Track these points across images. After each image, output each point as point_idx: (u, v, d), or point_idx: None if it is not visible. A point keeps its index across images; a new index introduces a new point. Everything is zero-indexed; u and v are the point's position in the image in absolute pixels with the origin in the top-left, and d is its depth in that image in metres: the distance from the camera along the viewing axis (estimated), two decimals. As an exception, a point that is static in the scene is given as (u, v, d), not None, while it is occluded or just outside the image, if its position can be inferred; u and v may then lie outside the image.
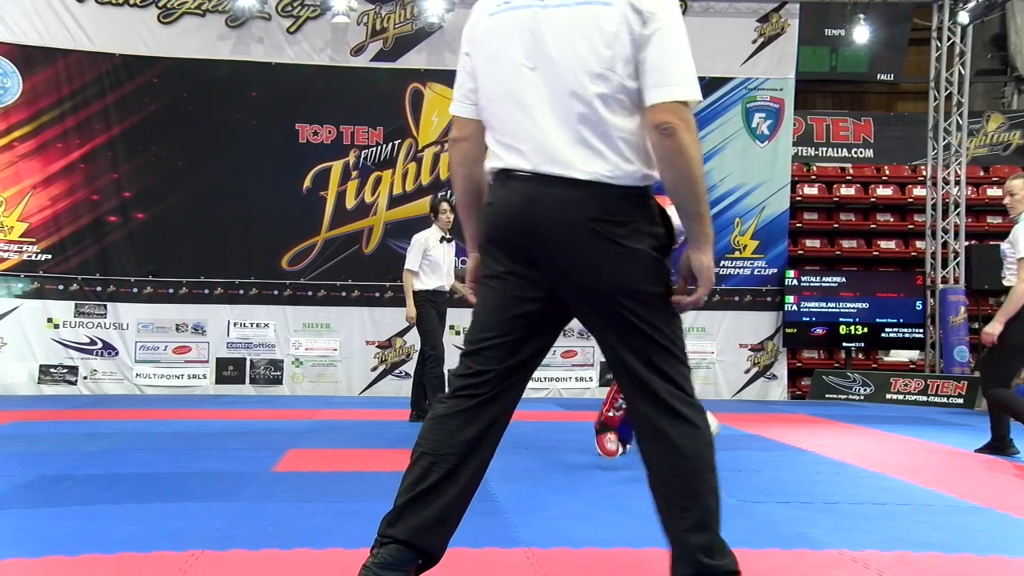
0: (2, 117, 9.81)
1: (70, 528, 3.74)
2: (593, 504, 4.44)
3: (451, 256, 7.55)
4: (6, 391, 9.62)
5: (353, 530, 3.74)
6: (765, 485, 5.00)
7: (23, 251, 9.86)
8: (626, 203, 2.33)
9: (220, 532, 3.68)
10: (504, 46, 2.42)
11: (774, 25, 10.76)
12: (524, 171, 2.37)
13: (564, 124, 2.32)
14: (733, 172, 10.79)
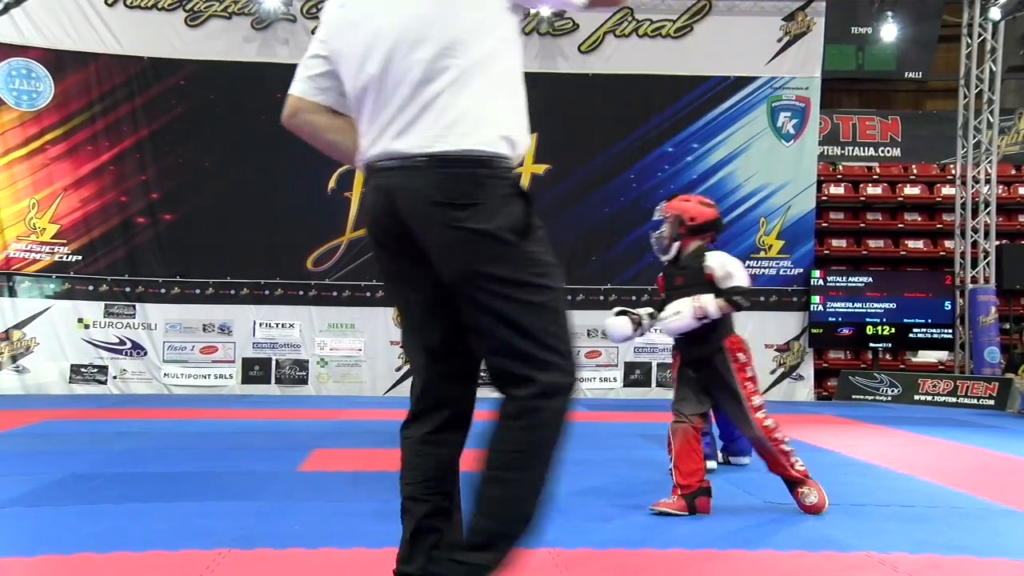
0: (34, 120, 9.94)
1: (101, 526, 3.79)
2: (617, 505, 4.43)
3: None
4: (39, 390, 9.76)
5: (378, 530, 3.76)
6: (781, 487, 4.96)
7: (55, 252, 9.99)
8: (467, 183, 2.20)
9: (246, 531, 3.71)
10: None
11: (800, 24, 10.67)
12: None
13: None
14: (758, 172, 10.71)
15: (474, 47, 2.20)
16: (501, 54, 2.26)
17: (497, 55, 2.24)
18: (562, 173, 10.49)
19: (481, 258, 2.20)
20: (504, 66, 2.27)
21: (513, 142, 2.26)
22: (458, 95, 2.19)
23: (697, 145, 10.70)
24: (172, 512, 4.10)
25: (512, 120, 2.27)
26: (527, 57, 9.74)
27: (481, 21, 2.21)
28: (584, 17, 10.50)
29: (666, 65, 10.54)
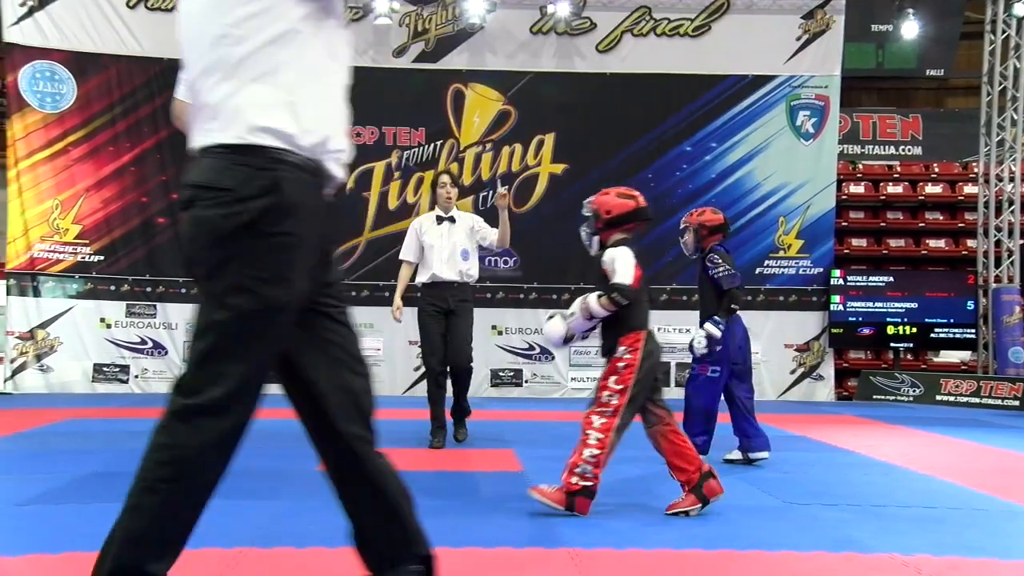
0: (57, 123, 10.04)
1: (121, 524, 3.81)
2: (635, 505, 4.42)
3: (455, 238, 6.21)
4: (63, 389, 9.85)
5: (396, 529, 3.76)
6: (811, 486, 4.93)
7: (77, 252, 10.08)
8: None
9: (266, 529, 3.73)
10: None
11: (819, 22, 10.60)
12: None
13: None
14: (777, 171, 10.65)
15: (241, 42, 2.18)
16: (276, 45, 2.21)
17: (269, 47, 2.20)
18: (580, 172, 10.47)
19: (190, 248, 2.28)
20: (281, 58, 2.22)
21: (276, 132, 2.21)
22: (216, 90, 2.22)
23: (715, 144, 10.65)
24: (192, 510, 4.12)
25: (273, 112, 2.21)
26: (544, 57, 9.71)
27: (251, 14, 2.18)
28: (601, 17, 10.48)
29: (684, 64, 10.51)
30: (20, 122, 9.99)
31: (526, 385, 10.49)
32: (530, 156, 10.48)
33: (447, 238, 6.19)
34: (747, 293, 10.59)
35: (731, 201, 10.58)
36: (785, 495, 4.65)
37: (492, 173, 10.44)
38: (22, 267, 9.98)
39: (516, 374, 10.49)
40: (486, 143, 10.47)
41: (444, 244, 6.18)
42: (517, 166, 10.47)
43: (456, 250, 6.18)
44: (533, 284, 10.48)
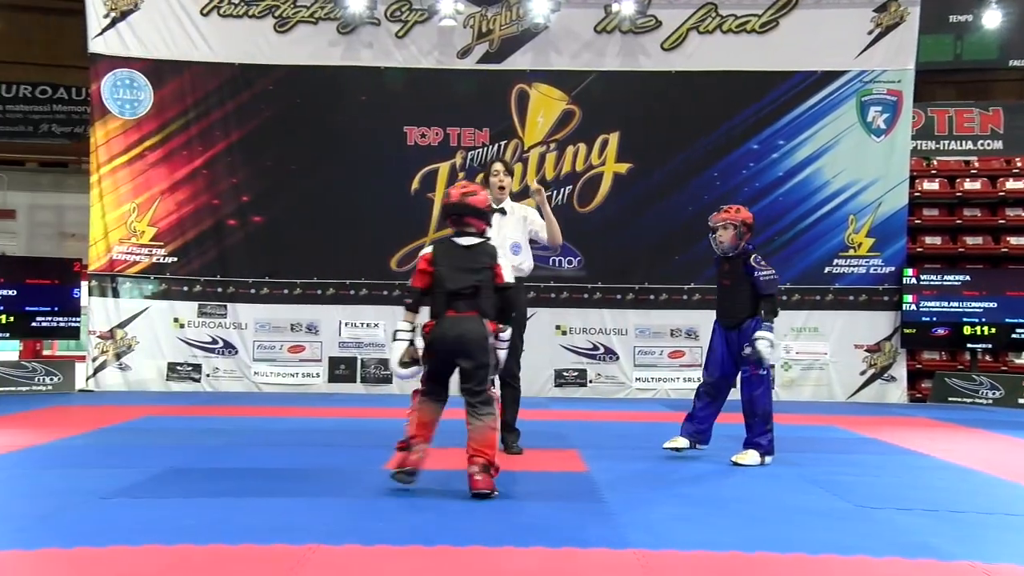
0: (135, 128, 10.35)
1: (198, 519, 3.93)
2: (703, 506, 4.37)
3: (507, 230, 5.99)
4: (139, 387, 10.15)
5: (463, 528, 3.80)
6: (883, 490, 4.82)
7: (152, 254, 10.38)
8: None
9: (335, 527, 3.79)
10: None
11: (892, 14, 10.33)
12: None
13: None
14: (846, 168, 10.41)
15: None
16: None
17: None
18: (645, 172, 10.39)
19: None
20: None
21: None
22: None
23: (783, 142, 10.46)
24: (264, 507, 4.22)
25: None
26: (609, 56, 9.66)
27: None
28: (666, 14, 10.38)
29: (751, 61, 10.33)
30: (102, 129, 10.33)
31: (590, 385, 10.45)
32: (594, 155, 10.44)
33: (498, 231, 5.82)
34: (816, 293, 10.42)
35: (798, 200, 10.38)
36: (858, 499, 4.55)
37: (556, 173, 10.43)
38: (102, 269, 10.31)
39: (580, 374, 10.46)
40: (550, 143, 10.46)
41: (495, 237, 5.62)
42: (581, 166, 10.44)
43: (506, 243, 5.91)
44: (597, 284, 10.43)
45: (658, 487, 4.90)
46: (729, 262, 5.71)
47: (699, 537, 3.70)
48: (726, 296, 5.76)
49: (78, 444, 6.21)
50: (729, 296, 5.72)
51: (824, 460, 5.89)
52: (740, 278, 5.63)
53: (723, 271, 5.78)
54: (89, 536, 3.58)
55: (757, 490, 4.83)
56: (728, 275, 5.71)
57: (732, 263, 5.69)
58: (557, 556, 3.42)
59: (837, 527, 3.97)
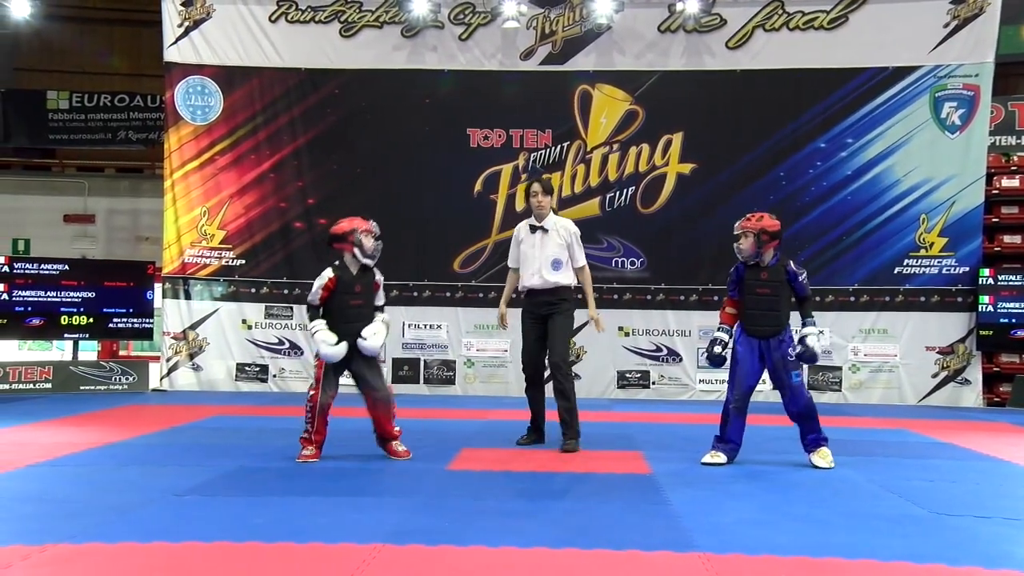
0: (206, 134, 10.63)
1: (267, 517, 4.01)
2: (770, 510, 4.31)
3: (548, 249, 6.26)
4: (210, 387, 10.41)
5: (526, 529, 3.81)
6: (961, 497, 4.68)
7: (222, 257, 10.63)
8: None
9: (399, 527, 3.83)
10: None
11: (971, 6, 10.01)
12: None
13: None
14: (919, 166, 10.13)
15: None
16: None
17: None
18: (709, 172, 10.27)
19: None
20: None
21: None
22: None
23: (852, 140, 10.23)
24: (330, 506, 4.29)
25: None
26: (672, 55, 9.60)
27: None
28: (732, 12, 10.24)
29: (818, 58, 10.13)
30: (175, 135, 10.63)
31: (653, 387, 10.37)
32: (657, 156, 10.36)
33: (539, 248, 6.27)
34: (885, 294, 10.17)
35: (868, 199, 10.15)
36: (933, 505, 4.43)
37: (619, 173, 10.38)
38: (175, 272, 10.60)
39: (643, 375, 10.39)
40: (613, 143, 10.41)
41: (536, 254, 6.28)
42: (644, 166, 10.37)
43: (547, 261, 6.24)
44: (660, 285, 10.35)
45: (723, 489, 4.84)
46: (767, 271, 5.66)
47: (765, 541, 3.65)
48: (765, 304, 5.66)
49: (153, 442, 6.39)
50: (769, 304, 5.66)
51: (895, 465, 5.75)
52: (781, 286, 5.64)
53: (759, 280, 5.67)
54: (165, 531, 3.69)
55: (825, 494, 4.74)
56: (767, 284, 5.65)
57: (771, 272, 5.66)
58: (621, 558, 3.41)
59: (910, 534, 3.87)
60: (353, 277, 5.82)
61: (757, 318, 5.68)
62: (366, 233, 5.94)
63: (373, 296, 5.87)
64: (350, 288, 5.78)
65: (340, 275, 5.81)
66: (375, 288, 5.89)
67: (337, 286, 5.76)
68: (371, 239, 5.90)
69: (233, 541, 3.54)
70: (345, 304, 5.75)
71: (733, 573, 3.25)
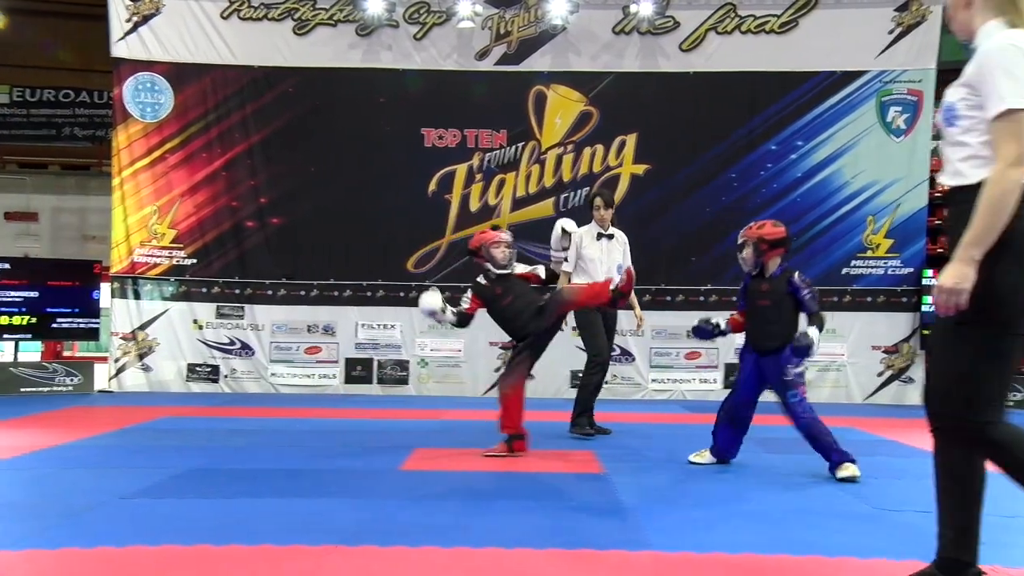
0: (156, 131, 10.44)
1: (217, 519, 3.96)
2: (720, 509, 4.36)
3: (615, 254, 7.09)
4: (160, 388, 10.24)
5: (479, 529, 3.81)
6: (905, 493, 4.79)
7: (172, 256, 10.46)
8: None
9: (351, 528, 3.81)
10: None
11: (914, 14, 10.25)
12: None
13: None
14: (866, 169, 10.34)
15: None
16: None
17: None
18: (663, 173, 10.37)
19: None
20: None
21: None
22: None
23: (802, 143, 10.41)
24: (281, 507, 4.25)
25: None
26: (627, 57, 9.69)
27: None
28: (685, 15, 10.36)
29: (770, 62, 10.29)
30: (124, 132, 10.42)
31: (606, 386, 10.39)
32: (612, 157, 10.43)
33: (607, 253, 7.06)
34: (833, 294, 10.36)
35: (817, 200, 10.33)
36: (878, 501, 4.53)
37: (574, 174, 10.43)
38: (124, 271, 10.40)
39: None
40: (567, 144, 10.46)
41: (604, 258, 7.03)
42: (599, 167, 10.43)
43: (614, 264, 7.03)
44: (614, 285, 10.42)
45: (675, 489, 4.89)
46: (769, 282, 5.36)
47: (715, 539, 3.70)
48: (764, 317, 5.38)
49: (99, 444, 6.27)
50: (768, 318, 5.35)
51: (842, 463, 5.86)
52: (782, 298, 5.30)
53: (759, 291, 5.41)
54: (110, 536, 3.62)
55: (775, 492, 4.81)
56: (768, 295, 5.36)
57: (772, 283, 5.35)
58: (573, 558, 3.43)
59: (856, 529, 3.95)
60: (494, 283, 6.03)
61: (756, 332, 5.43)
62: (495, 245, 6.07)
63: (524, 290, 6.04)
64: (493, 296, 5.98)
65: (480, 291, 6.05)
66: (525, 278, 6.13)
67: (483, 301, 6.03)
68: (501, 249, 6.07)
69: (181, 544, 3.49)
70: (499, 309, 6.00)
71: (682, 571, 3.29)
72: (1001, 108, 2.57)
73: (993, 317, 2.66)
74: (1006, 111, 2.56)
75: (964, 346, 2.74)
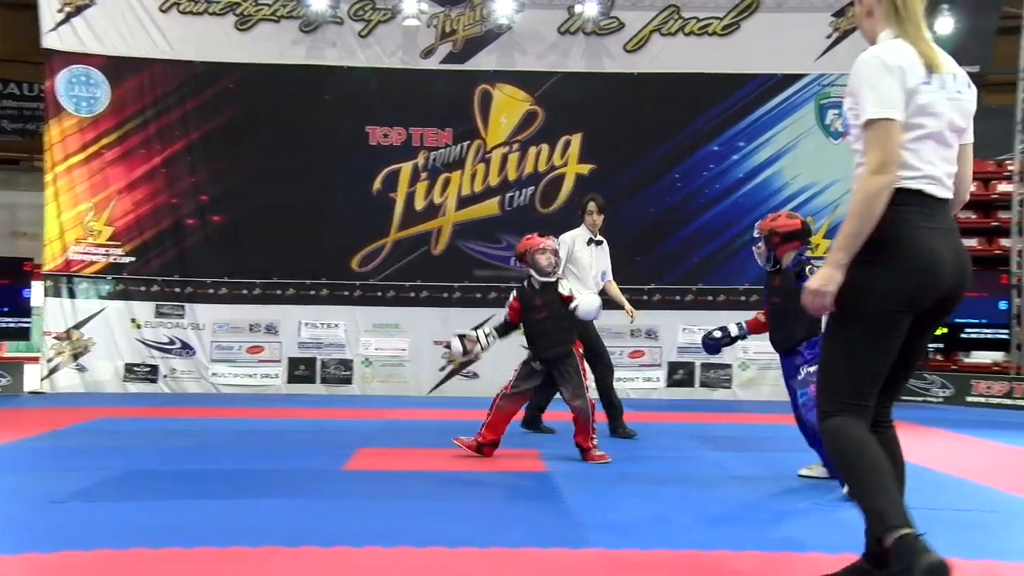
0: (92, 126, 10.17)
1: (154, 522, 3.87)
2: (663, 506, 4.40)
3: (601, 260, 7.05)
4: (96, 388, 9.98)
5: (422, 529, 3.79)
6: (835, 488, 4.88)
7: (109, 254, 10.21)
8: None
9: (293, 529, 3.76)
10: None
11: (850, 19, 10.46)
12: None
13: None
14: (805, 170, 10.55)
15: None
16: None
17: None
18: (607, 173, 10.43)
19: None
20: None
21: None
22: None
23: (743, 144, 10.57)
24: (221, 509, 4.18)
25: None
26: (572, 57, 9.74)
27: None
28: (629, 16, 10.43)
29: (713, 63, 10.42)
30: (57, 127, 10.12)
31: (552, 386, 10.46)
32: (556, 156, 10.47)
33: (595, 259, 6.99)
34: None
35: (759, 201, 10.49)
36: (816, 497, 4.61)
37: (519, 173, 10.44)
38: (58, 269, 10.11)
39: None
40: (513, 144, 10.47)
41: (593, 264, 6.96)
42: (544, 166, 10.46)
43: (600, 271, 7.00)
44: (560, 284, 10.46)
45: (618, 487, 4.92)
46: (780, 276, 5.03)
47: (658, 536, 3.73)
48: (776, 315, 5.07)
49: (29, 447, 6.09)
50: (779, 315, 5.01)
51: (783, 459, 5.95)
52: (791, 294, 4.43)
53: (772, 287, 5.13)
54: (39, 542, 3.51)
55: (717, 489, 4.87)
56: (777, 291, 5.02)
57: (783, 277, 4.99)
58: (516, 556, 3.42)
59: (795, 525, 4.02)
60: (535, 292, 5.82)
61: (772, 331, 5.13)
62: (540, 252, 5.82)
63: (559, 309, 5.74)
64: (532, 303, 5.80)
65: (522, 295, 5.87)
66: (562, 300, 5.77)
67: (521, 304, 5.85)
68: (545, 256, 5.83)
69: (115, 549, 3.40)
70: (532, 320, 5.80)
71: (625, 568, 3.31)
72: (864, 118, 2.70)
73: (846, 309, 2.72)
74: (867, 121, 2.68)
75: (826, 338, 2.87)
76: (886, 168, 2.63)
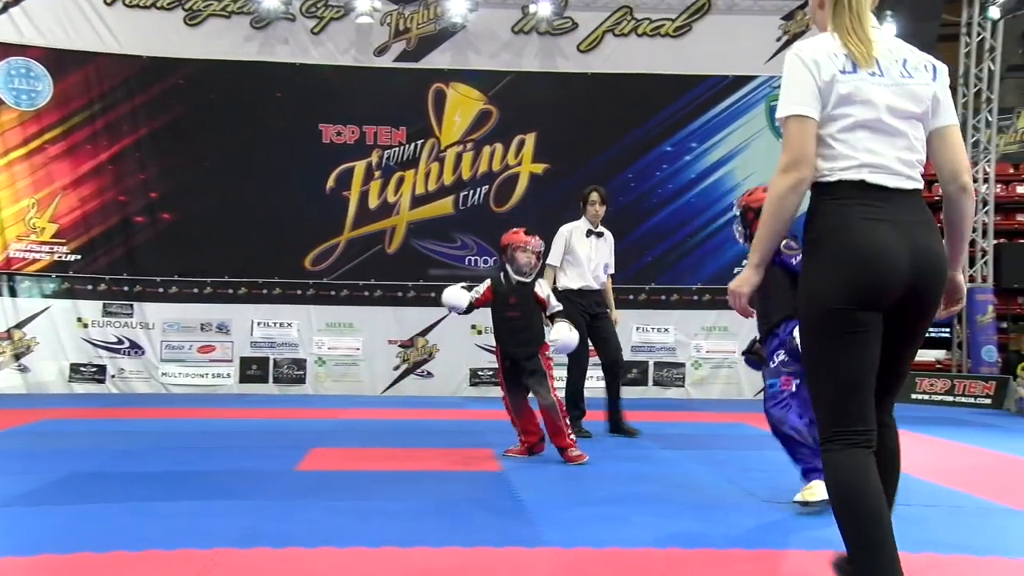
0: (34, 120, 9.93)
1: (100, 525, 3.79)
2: (617, 505, 4.43)
3: (602, 252, 6.94)
4: (39, 389, 9.76)
5: (376, 529, 3.77)
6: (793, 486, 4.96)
7: (54, 252, 9.98)
8: None
9: (244, 530, 3.71)
10: None
11: (799, 23, 10.66)
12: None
13: None
14: (757, 170, 10.67)
15: None
16: None
17: None
18: (561, 173, 10.47)
19: None
20: None
21: None
22: None
23: (696, 144, 10.70)
24: (170, 511, 4.10)
25: None
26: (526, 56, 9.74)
27: None
28: (583, 16, 10.49)
29: (665, 64, 10.53)
30: (-5, 120, 9.89)
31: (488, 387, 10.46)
32: (511, 156, 10.49)
33: (596, 251, 6.87)
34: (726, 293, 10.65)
35: (711, 201, 10.63)
36: (767, 494, 4.68)
37: (473, 172, 10.44)
38: (-2, 266, 9.89)
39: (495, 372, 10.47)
40: (467, 143, 10.46)
41: (594, 256, 6.85)
42: (498, 166, 10.47)
43: (601, 263, 6.90)
44: (514, 284, 10.48)
45: (572, 486, 4.95)
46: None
47: (612, 535, 3.75)
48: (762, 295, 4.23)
49: (-29, 450, 5.93)
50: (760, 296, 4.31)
51: (735, 457, 6.04)
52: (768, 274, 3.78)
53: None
54: (-19, 546, 3.42)
55: (671, 488, 4.92)
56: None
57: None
58: (470, 555, 3.42)
59: (746, 522, 4.07)
60: (511, 289, 5.64)
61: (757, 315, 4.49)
62: (521, 249, 5.61)
63: (532, 309, 5.62)
64: (505, 300, 5.63)
65: (497, 287, 5.67)
66: (537, 301, 5.63)
67: (495, 296, 5.66)
68: (526, 256, 5.61)
69: (59, 553, 3.32)
70: (502, 317, 5.66)
71: (579, 567, 3.33)
72: (777, 118, 2.67)
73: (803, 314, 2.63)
74: (780, 120, 2.63)
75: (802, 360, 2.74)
76: (794, 166, 2.55)
